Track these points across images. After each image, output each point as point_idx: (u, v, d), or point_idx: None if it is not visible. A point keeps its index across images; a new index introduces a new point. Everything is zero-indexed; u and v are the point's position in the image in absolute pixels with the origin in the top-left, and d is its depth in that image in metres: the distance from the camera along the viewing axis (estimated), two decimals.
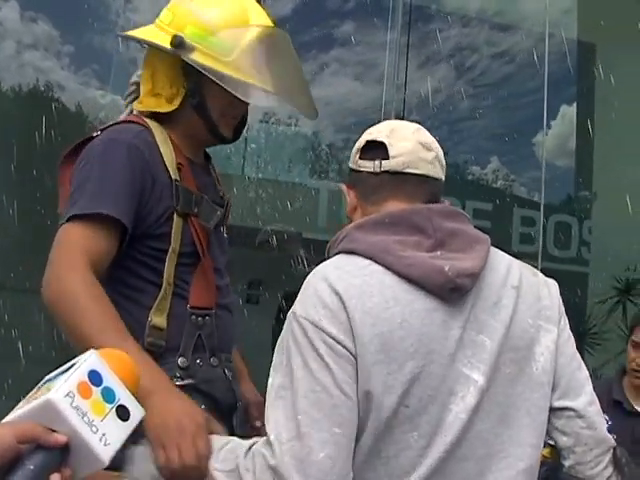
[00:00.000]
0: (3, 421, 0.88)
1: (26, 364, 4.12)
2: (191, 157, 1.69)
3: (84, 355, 0.94)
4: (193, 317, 1.59)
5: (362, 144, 1.41)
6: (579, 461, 1.37)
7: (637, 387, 2.73)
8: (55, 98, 5.42)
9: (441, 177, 1.40)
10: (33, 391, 0.93)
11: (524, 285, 1.34)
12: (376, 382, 1.19)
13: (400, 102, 5.12)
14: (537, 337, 1.32)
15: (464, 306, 1.26)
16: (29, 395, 0.92)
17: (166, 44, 1.58)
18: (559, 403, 1.35)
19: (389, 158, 1.36)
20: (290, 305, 1.29)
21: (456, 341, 1.24)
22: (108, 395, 0.92)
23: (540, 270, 1.45)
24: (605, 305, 5.99)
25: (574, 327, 1.41)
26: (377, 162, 1.37)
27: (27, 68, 5.39)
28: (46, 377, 0.95)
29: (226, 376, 1.65)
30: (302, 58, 1.85)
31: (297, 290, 1.31)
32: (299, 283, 1.32)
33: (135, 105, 1.70)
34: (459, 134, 6.84)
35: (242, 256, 1.83)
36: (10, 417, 0.89)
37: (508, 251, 1.41)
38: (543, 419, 1.33)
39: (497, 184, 6.97)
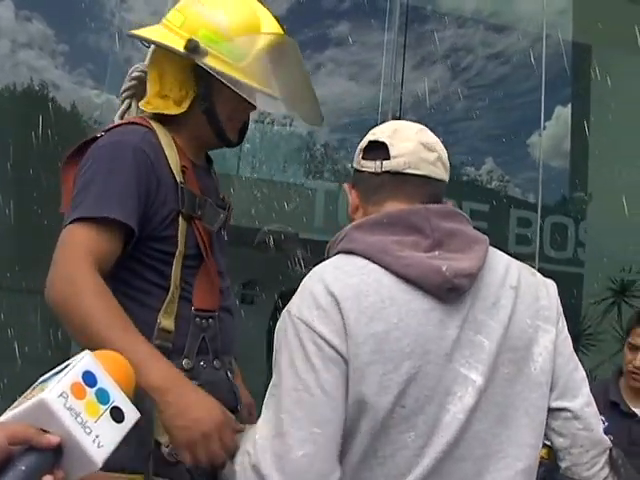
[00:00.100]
0: None
1: (22, 364, 4.11)
2: (194, 160, 1.69)
3: (78, 356, 0.93)
4: (197, 319, 1.58)
5: (365, 144, 1.41)
6: (575, 462, 1.37)
7: (634, 389, 2.73)
8: (50, 97, 5.40)
9: (444, 178, 1.39)
10: (28, 392, 0.91)
11: (522, 285, 1.34)
12: (371, 382, 1.19)
13: (396, 102, 5.13)
14: (535, 337, 1.32)
15: (462, 306, 1.26)
16: (24, 395, 0.91)
17: (179, 47, 1.57)
18: (556, 404, 1.35)
19: (390, 158, 1.36)
20: (286, 305, 1.30)
21: (453, 341, 1.24)
22: (102, 396, 0.91)
23: (536, 271, 1.45)
24: (600, 306, 6.01)
25: (569, 328, 1.41)
26: (378, 162, 1.37)
27: (21, 67, 5.38)
28: (41, 378, 0.93)
29: (228, 378, 1.65)
30: None
31: (293, 290, 1.31)
32: (295, 283, 1.32)
33: (142, 105, 1.67)
34: (454, 135, 6.85)
35: (237, 256, 1.83)
36: (3, 418, 0.87)
37: (505, 252, 1.40)
38: (541, 419, 1.33)
39: (492, 185, 6.98)
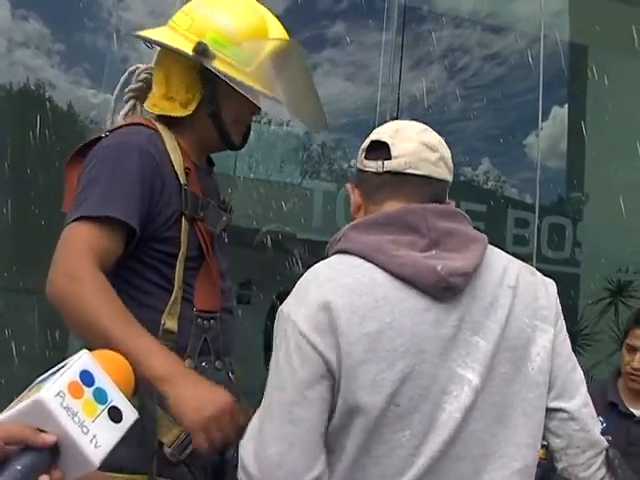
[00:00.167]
0: None
1: (19, 364, 4.10)
2: (197, 162, 1.69)
3: (76, 355, 0.92)
4: (199, 320, 1.59)
5: (367, 144, 1.41)
6: (571, 463, 1.37)
7: (632, 389, 2.73)
8: (46, 97, 5.39)
9: (446, 178, 1.39)
10: (25, 392, 0.91)
11: (521, 285, 1.34)
12: (364, 381, 1.20)
13: (394, 103, 5.13)
14: (533, 337, 1.32)
15: (458, 305, 1.26)
16: (21, 395, 0.90)
17: (187, 49, 1.58)
18: (553, 404, 1.35)
19: (391, 158, 1.36)
20: None
21: (449, 340, 1.24)
22: (100, 396, 0.90)
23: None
24: (597, 306, 6.02)
25: (566, 328, 1.41)
26: (379, 162, 1.37)
27: (18, 66, 5.36)
28: (38, 378, 0.93)
29: (230, 379, 1.65)
30: None
31: (290, 290, 1.32)
32: (292, 283, 1.32)
33: (148, 107, 1.68)
34: (451, 135, 6.84)
35: (234, 256, 1.83)
36: (0, 418, 0.87)
37: None
38: (539, 419, 1.33)
39: (488, 185, 6.98)
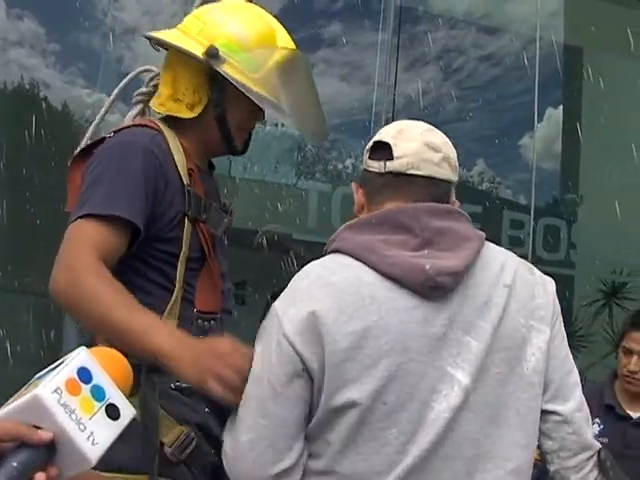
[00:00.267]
0: None
1: (14, 364, 4.09)
2: (199, 164, 1.70)
3: (74, 352, 0.93)
4: (199, 321, 1.60)
5: (371, 144, 1.41)
6: (563, 466, 1.38)
7: (629, 392, 2.72)
8: (41, 96, 5.37)
9: (450, 179, 1.39)
10: (22, 389, 0.91)
11: (518, 284, 1.34)
12: (348, 378, 1.21)
13: (389, 103, 5.13)
14: (529, 337, 1.32)
15: (449, 305, 1.26)
16: (18, 393, 0.90)
17: (197, 52, 1.59)
18: (547, 406, 1.35)
19: (393, 159, 1.36)
20: None
21: (438, 339, 1.24)
22: (98, 393, 0.90)
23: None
24: (591, 308, 6.03)
25: None
26: (382, 163, 1.37)
27: (12, 66, 5.34)
28: (36, 375, 0.93)
29: None
30: None
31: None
32: (287, 284, 1.33)
33: (155, 106, 1.69)
34: (447, 136, 6.83)
35: (229, 257, 1.83)
36: None
37: None
38: (533, 419, 1.32)
39: (483, 186, 6.98)
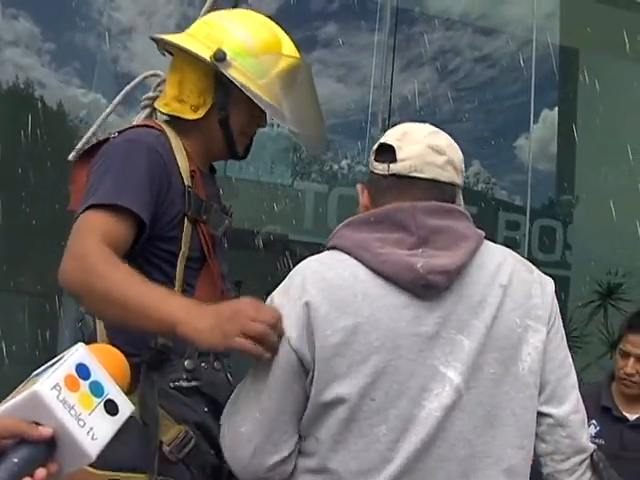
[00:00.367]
0: None
1: (9, 364, 4.08)
2: (201, 167, 1.71)
3: (72, 348, 0.93)
4: None
5: (377, 146, 1.43)
6: (557, 469, 1.38)
7: (626, 394, 2.71)
8: (36, 96, 5.36)
9: (455, 181, 1.40)
10: (20, 386, 0.91)
11: (514, 283, 1.34)
12: (338, 373, 1.22)
13: (386, 104, 5.13)
14: (525, 337, 1.32)
15: (442, 303, 1.26)
16: (16, 390, 0.90)
17: (205, 55, 1.61)
18: (542, 408, 1.35)
19: (397, 161, 1.37)
20: None
21: (430, 338, 1.24)
22: (96, 389, 0.91)
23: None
24: (587, 309, 6.03)
25: None
26: (386, 165, 1.38)
27: (7, 65, 5.32)
28: (34, 372, 0.93)
29: (229, 380, 1.67)
30: None
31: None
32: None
33: (160, 106, 1.71)
34: None
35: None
36: None
37: None
38: (528, 419, 1.32)
39: (478, 187, 6.98)
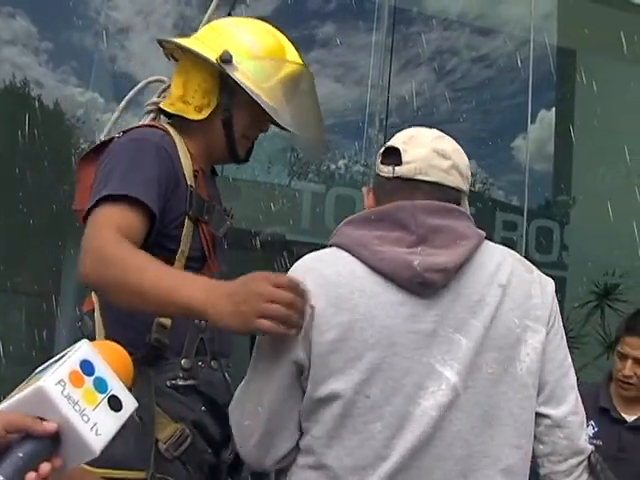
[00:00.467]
0: None
1: (6, 364, 4.08)
2: (204, 168, 1.73)
3: (76, 345, 0.94)
4: (197, 320, 1.60)
5: (383, 149, 1.45)
6: (554, 470, 1.38)
7: (623, 396, 2.70)
8: (33, 95, 5.36)
9: (458, 186, 1.42)
10: (24, 382, 0.92)
11: (513, 283, 1.34)
12: (333, 370, 1.24)
13: (383, 104, 5.13)
14: (523, 337, 1.32)
15: (439, 301, 1.27)
16: (20, 386, 0.91)
17: (211, 57, 1.64)
18: (540, 409, 1.36)
19: (402, 164, 1.39)
20: None
21: (427, 336, 1.25)
22: (100, 385, 0.92)
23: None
24: (584, 309, 6.03)
25: None
26: (391, 168, 1.40)
27: (4, 64, 5.32)
28: (38, 368, 0.94)
29: (225, 379, 1.69)
30: None
31: None
32: None
33: (165, 105, 1.73)
34: None
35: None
36: (1, 406, 0.88)
37: None
38: (526, 420, 1.32)
39: (476, 188, 6.98)
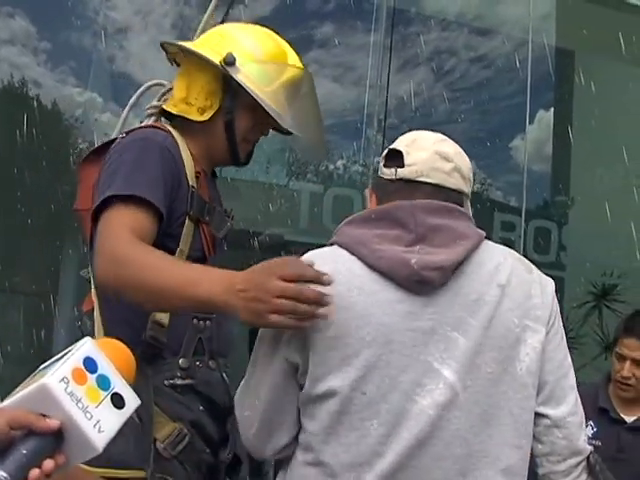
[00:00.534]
0: None
1: (4, 364, 4.08)
2: (205, 170, 1.74)
3: (79, 342, 0.95)
4: (195, 320, 1.62)
5: (386, 152, 1.46)
6: (552, 470, 1.38)
7: (622, 397, 2.69)
8: (31, 95, 5.36)
9: (460, 188, 1.44)
10: (28, 379, 0.93)
11: (513, 283, 1.34)
12: (330, 366, 1.25)
13: (382, 104, 5.13)
14: (523, 337, 1.32)
15: (437, 300, 1.28)
16: (23, 383, 0.92)
17: (215, 59, 1.65)
18: (539, 409, 1.36)
19: (404, 166, 1.41)
20: None
21: (424, 333, 1.26)
22: (103, 382, 0.92)
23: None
24: (582, 310, 6.03)
25: None
26: (393, 170, 1.41)
27: (3, 64, 5.32)
28: (41, 366, 0.95)
29: (223, 380, 1.69)
30: None
31: None
32: None
33: (168, 107, 1.75)
34: None
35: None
36: (4, 403, 0.88)
37: None
38: (526, 420, 1.33)
39: (474, 188, 6.96)
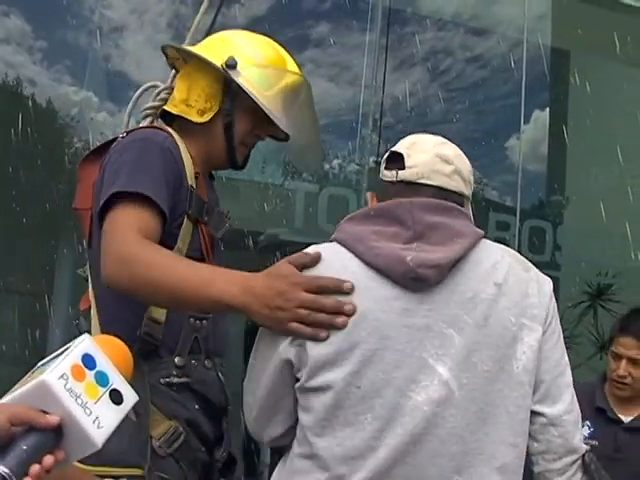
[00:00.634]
0: None
1: None
2: (203, 171, 1.75)
3: (78, 339, 0.96)
4: (191, 319, 1.63)
5: (387, 155, 1.47)
6: (548, 468, 1.39)
7: (618, 396, 2.69)
8: (27, 94, 5.34)
9: (460, 190, 1.44)
10: (26, 376, 0.93)
11: (510, 282, 1.35)
12: (327, 361, 1.26)
13: (377, 104, 5.14)
14: (519, 335, 1.33)
15: (433, 297, 1.29)
16: (22, 380, 0.92)
17: (217, 62, 1.68)
18: (535, 408, 1.36)
19: (405, 168, 1.42)
20: None
21: (419, 330, 1.27)
22: (102, 379, 0.93)
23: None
24: (576, 309, 6.04)
25: None
26: (394, 172, 1.43)
27: None
28: (40, 362, 0.96)
29: (219, 379, 1.70)
30: None
31: None
32: None
33: (169, 107, 1.76)
34: None
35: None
36: (4, 399, 0.89)
37: None
38: (522, 418, 1.33)
39: None
